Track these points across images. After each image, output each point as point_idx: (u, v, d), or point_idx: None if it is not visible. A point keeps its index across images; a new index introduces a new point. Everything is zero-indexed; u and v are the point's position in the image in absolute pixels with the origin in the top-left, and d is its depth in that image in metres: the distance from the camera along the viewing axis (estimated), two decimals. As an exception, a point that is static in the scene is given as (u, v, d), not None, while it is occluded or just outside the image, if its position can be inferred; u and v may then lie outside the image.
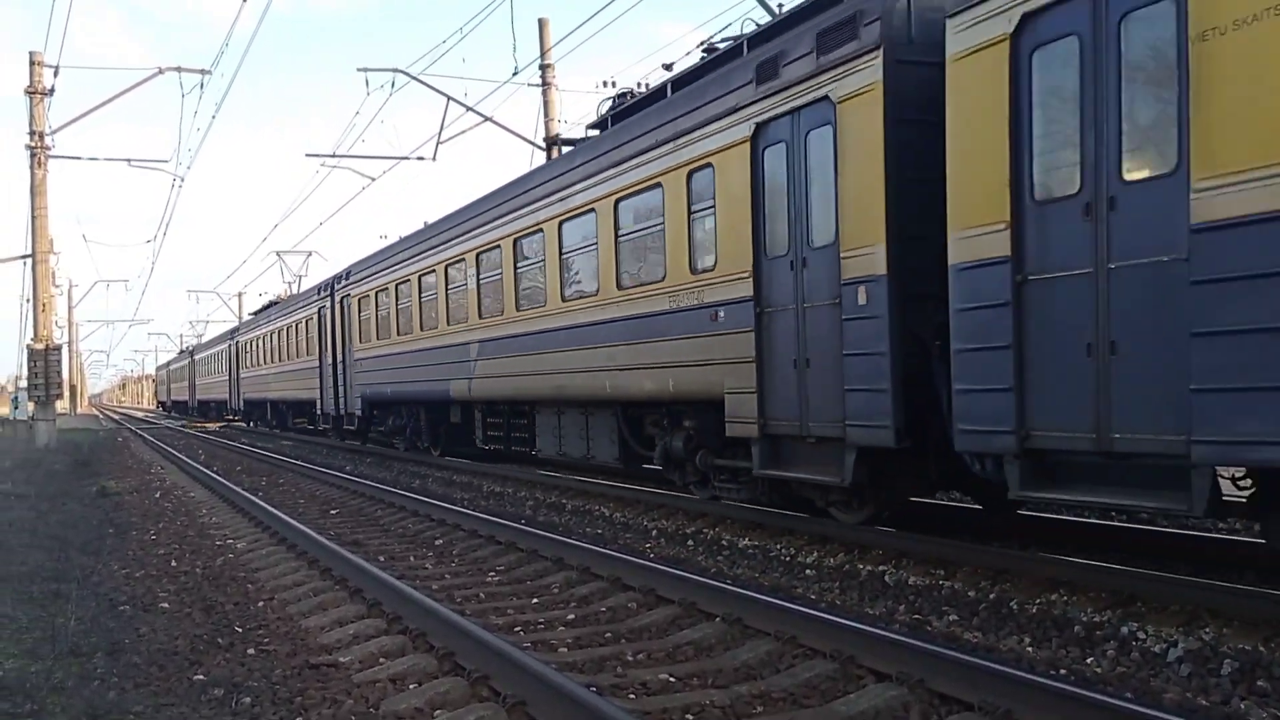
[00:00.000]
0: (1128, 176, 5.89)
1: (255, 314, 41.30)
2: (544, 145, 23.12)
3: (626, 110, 12.07)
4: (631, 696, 5.05)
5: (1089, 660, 5.61)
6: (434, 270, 17.35)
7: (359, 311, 22.30)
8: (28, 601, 7.34)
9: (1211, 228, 5.30)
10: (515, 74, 22.16)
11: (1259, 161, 5.12)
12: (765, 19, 10.60)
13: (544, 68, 22.94)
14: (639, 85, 13.25)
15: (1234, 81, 5.25)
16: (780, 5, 11.27)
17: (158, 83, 28.09)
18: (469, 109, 22.29)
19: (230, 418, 47.11)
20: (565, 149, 18.55)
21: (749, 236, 8.81)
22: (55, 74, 25.78)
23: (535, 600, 7.39)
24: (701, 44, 11.25)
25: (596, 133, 12.96)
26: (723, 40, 10.69)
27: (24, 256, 30.58)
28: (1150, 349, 5.72)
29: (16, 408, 35.23)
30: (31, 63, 25.98)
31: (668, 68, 20.02)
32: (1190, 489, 5.52)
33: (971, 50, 6.64)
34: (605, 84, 22.48)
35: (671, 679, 5.31)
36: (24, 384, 32.35)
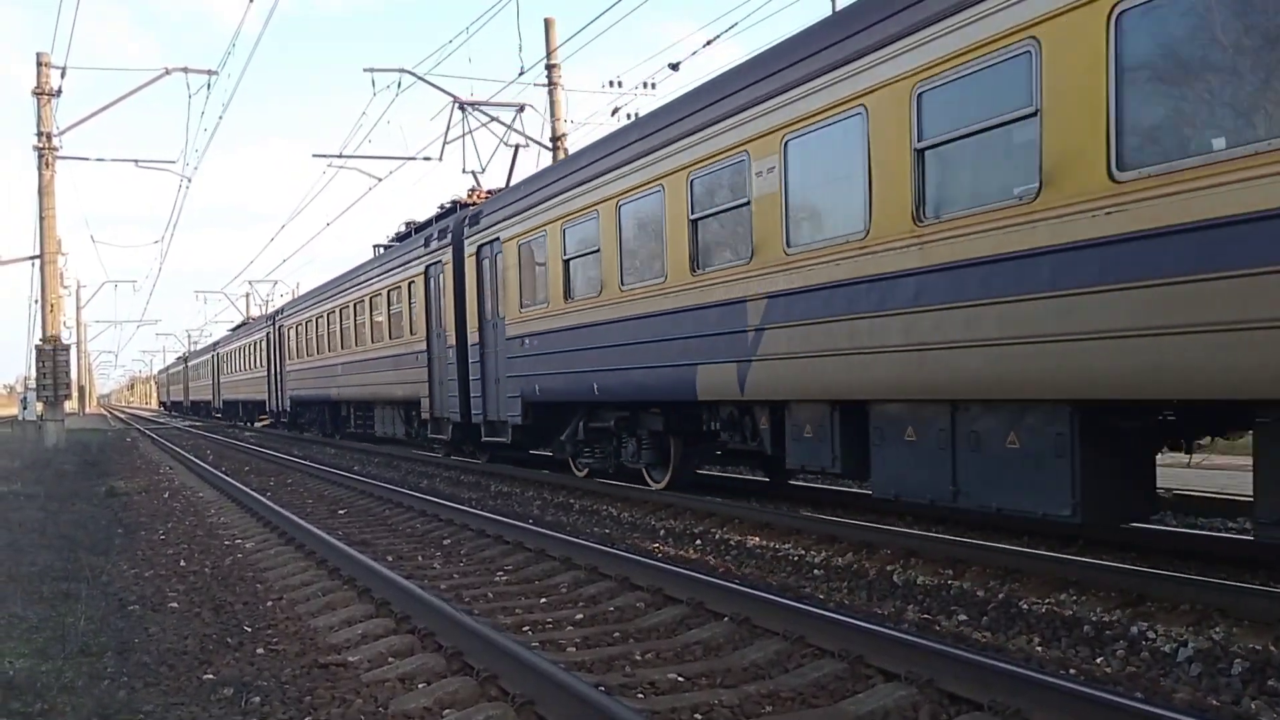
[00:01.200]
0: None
1: (230, 332, 51.18)
2: (550, 145, 23.15)
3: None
4: (640, 696, 5.05)
5: (1099, 660, 5.60)
6: (331, 313, 25.58)
7: (293, 336, 30.59)
8: (38, 601, 7.37)
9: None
10: (521, 74, 22.20)
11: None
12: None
13: (550, 67, 22.96)
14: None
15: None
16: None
17: (165, 83, 27.84)
18: (474, 108, 22.32)
19: (217, 416, 54.14)
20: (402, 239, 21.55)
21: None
22: (62, 75, 25.83)
23: (543, 600, 7.39)
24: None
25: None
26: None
27: (32, 257, 30.71)
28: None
29: (25, 408, 35.08)
30: (39, 64, 26.05)
31: (674, 67, 19.88)
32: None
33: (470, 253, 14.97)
34: (611, 84, 22.51)
35: (680, 678, 5.31)
36: (32, 384, 32.55)
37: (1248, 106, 5.29)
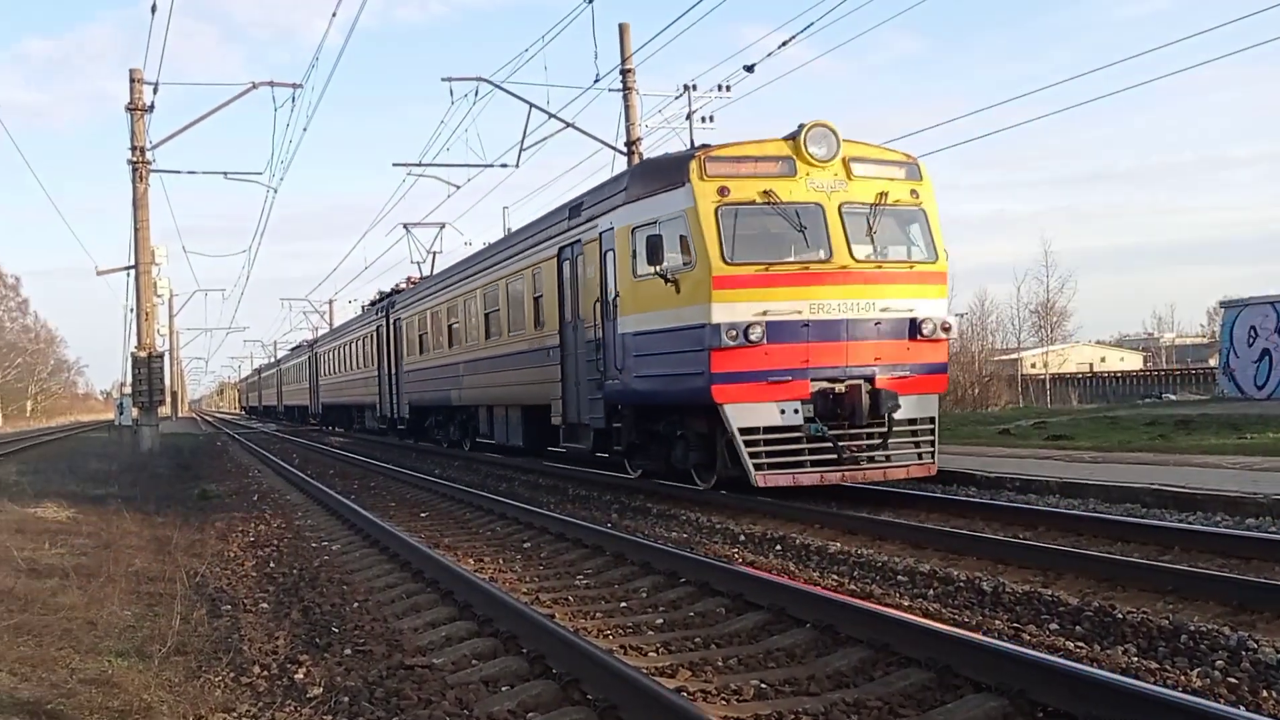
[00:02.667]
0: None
1: (330, 332, 47.59)
2: (625, 150, 23.22)
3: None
4: (722, 702, 5.01)
5: (1197, 670, 5.40)
6: (454, 303, 23.18)
7: (410, 329, 27.18)
8: (135, 601, 7.59)
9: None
10: (597, 80, 22.26)
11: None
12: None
13: (624, 73, 23.02)
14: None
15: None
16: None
17: (251, 97, 28.62)
18: (551, 115, 22.48)
19: (313, 421, 49.32)
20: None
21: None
22: (154, 91, 26.46)
23: (624, 604, 7.40)
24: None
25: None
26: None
27: (127, 268, 31.35)
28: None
29: (122, 413, 35.80)
30: (131, 80, 26.87)
31: (749, 69, 19.69)
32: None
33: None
34: (686, 87, 22.46)
35: (763, 685, 5.26)
36: (128, 390, 33.28)
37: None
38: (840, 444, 11.42)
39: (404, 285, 31.32)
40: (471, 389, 21.60)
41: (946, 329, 12.44)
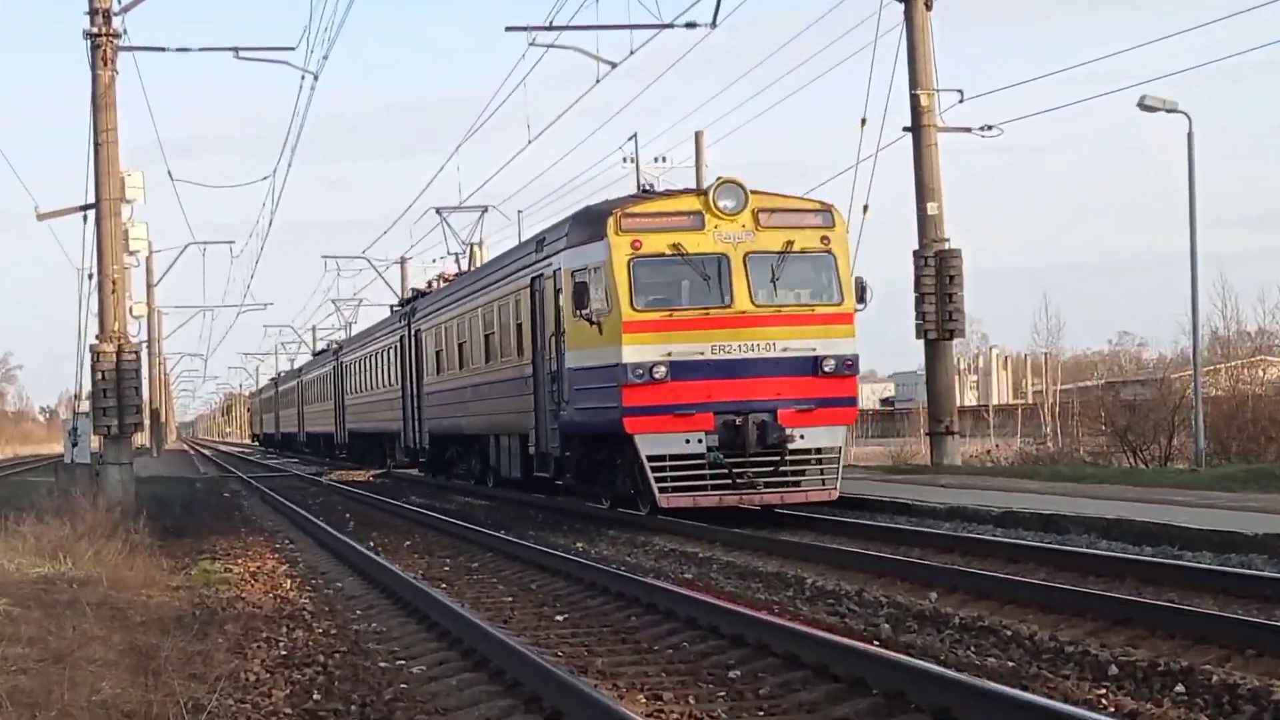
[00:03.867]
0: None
1: (361, 334, 36.38)
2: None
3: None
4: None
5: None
6: (471, 313, 20.11)
7: (431, 342, 23.30)
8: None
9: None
10: None
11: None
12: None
13: None
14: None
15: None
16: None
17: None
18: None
19: (340, 455, 36.70)
20: None
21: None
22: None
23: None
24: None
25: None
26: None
27: (84, 208, 19.12)
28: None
29: (75, 444, 21.24)
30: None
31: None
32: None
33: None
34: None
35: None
36: (86, 408, 21.96)
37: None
38: (735, 470, 12.69)
39: (437, 284, 25.65)
40: (478, 416, 19.66)
41: (849, 366, 13.69)
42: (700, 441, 12.77)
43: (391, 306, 31.98)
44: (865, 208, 19.22)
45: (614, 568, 9.89)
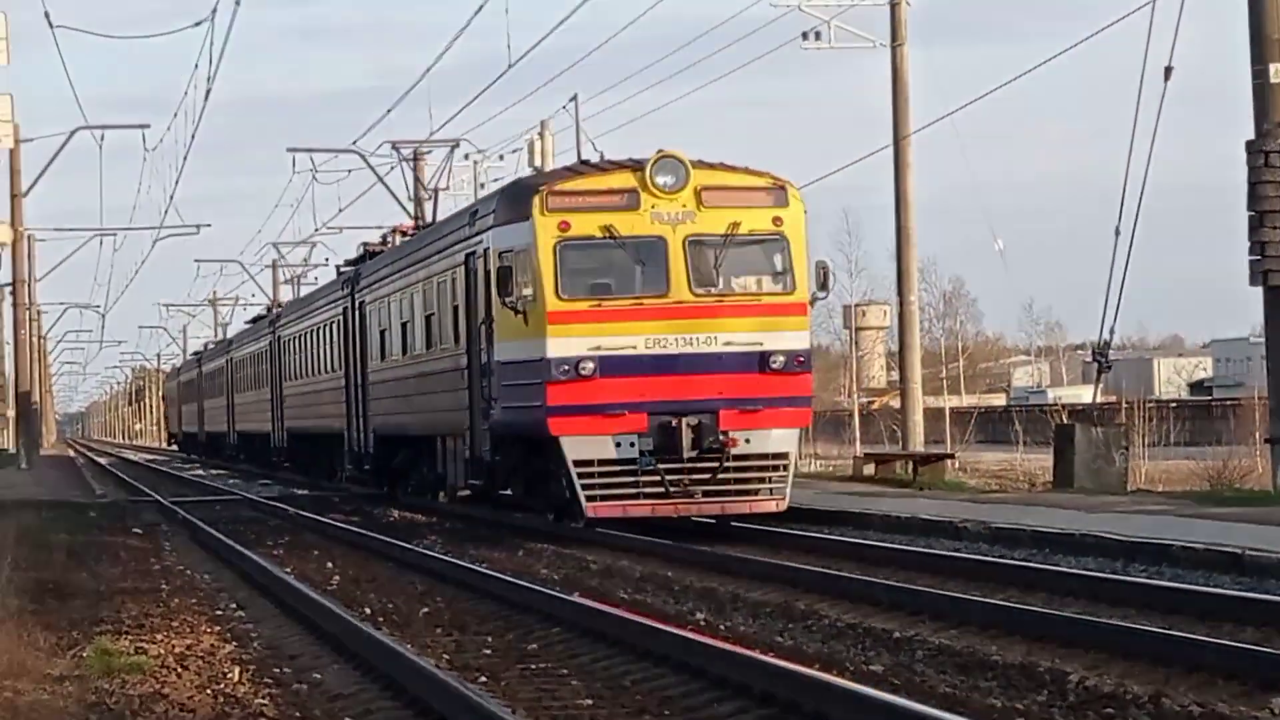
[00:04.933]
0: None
1: (299, 300, 30.15)
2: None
3: None
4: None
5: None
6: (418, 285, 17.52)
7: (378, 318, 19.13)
8: None
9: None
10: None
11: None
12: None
13: None
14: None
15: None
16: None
17: None
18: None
19: (283, 464, 28.83)
20: None
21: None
22: None
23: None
24: None
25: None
26: None
27: None
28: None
29: None
30: None
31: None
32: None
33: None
34: None
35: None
36: None
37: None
38: (669, 477, 11.41)
39: (392, 240, 20.84)
40: (421, 413, 16.43)
41: (801, 362, 12.43)
42: (633, 445, 11.53)
43: (338, 267, 25.15)
44: (1168, 70, 13.32)
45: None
